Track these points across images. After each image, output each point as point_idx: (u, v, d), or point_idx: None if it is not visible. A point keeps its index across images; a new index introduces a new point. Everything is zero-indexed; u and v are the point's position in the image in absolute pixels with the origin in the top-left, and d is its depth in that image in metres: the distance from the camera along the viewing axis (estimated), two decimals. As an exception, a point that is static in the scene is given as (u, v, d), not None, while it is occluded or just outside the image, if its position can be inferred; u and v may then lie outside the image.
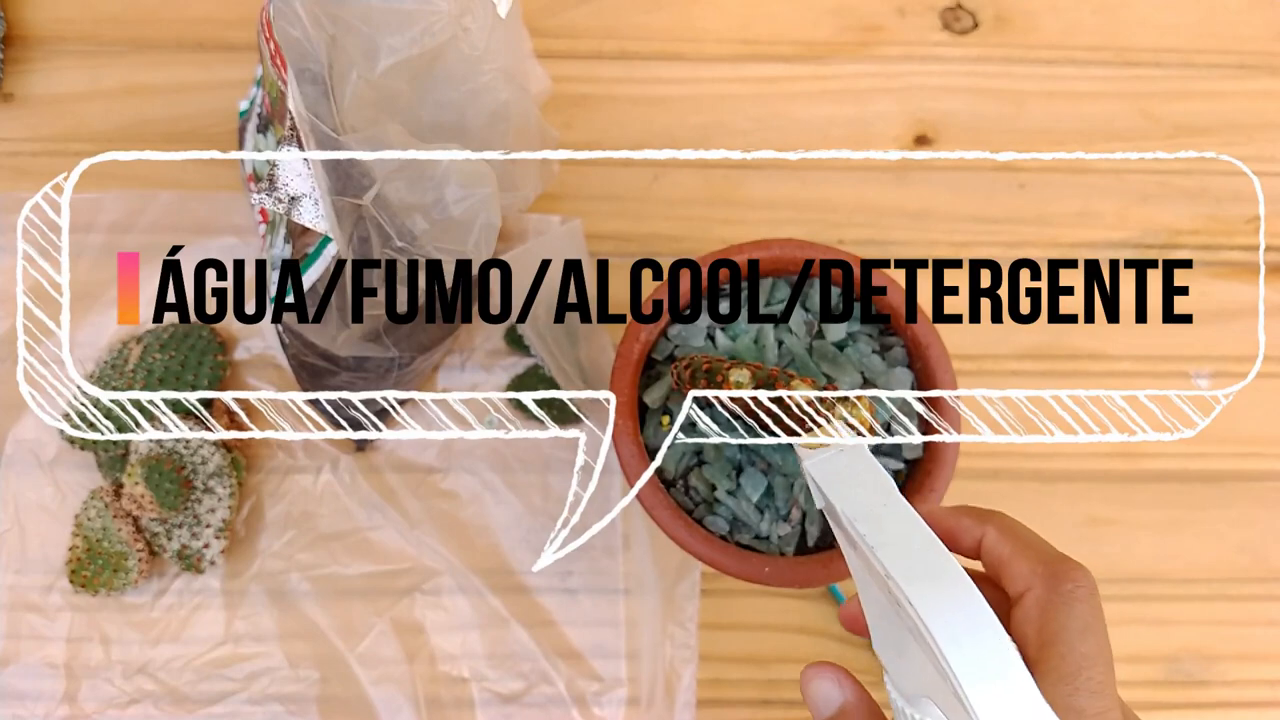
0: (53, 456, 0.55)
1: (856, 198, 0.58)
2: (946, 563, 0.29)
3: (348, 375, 0.50)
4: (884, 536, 0.30)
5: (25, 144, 0.58)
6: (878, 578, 0.31)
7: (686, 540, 0.41)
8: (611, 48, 0.60)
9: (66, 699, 0.52)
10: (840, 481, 0.33)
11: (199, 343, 0.54)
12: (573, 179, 0.58)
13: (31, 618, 0.53)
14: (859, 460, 0.34)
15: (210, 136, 0.58)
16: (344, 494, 0.55)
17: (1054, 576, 0.31)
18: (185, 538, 0.52)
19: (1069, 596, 0.31)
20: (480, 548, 0.54)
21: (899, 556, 0.30)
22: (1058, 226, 0.58)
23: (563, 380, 0.52)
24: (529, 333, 0.51)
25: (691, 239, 0.57)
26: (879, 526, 0.31)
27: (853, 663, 0.53)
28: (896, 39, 0.60)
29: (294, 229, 0.47)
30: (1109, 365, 0.57)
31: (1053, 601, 0.31)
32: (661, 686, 0.52)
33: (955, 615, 0.28)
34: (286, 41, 0.42)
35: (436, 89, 0.44)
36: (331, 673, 0.53)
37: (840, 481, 0.33)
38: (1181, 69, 0.60)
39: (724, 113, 0.59)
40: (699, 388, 0.38)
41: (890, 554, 0.30)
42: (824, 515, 0.41)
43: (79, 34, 0.59)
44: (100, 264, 0.56)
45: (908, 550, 0.30)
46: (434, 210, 0.42)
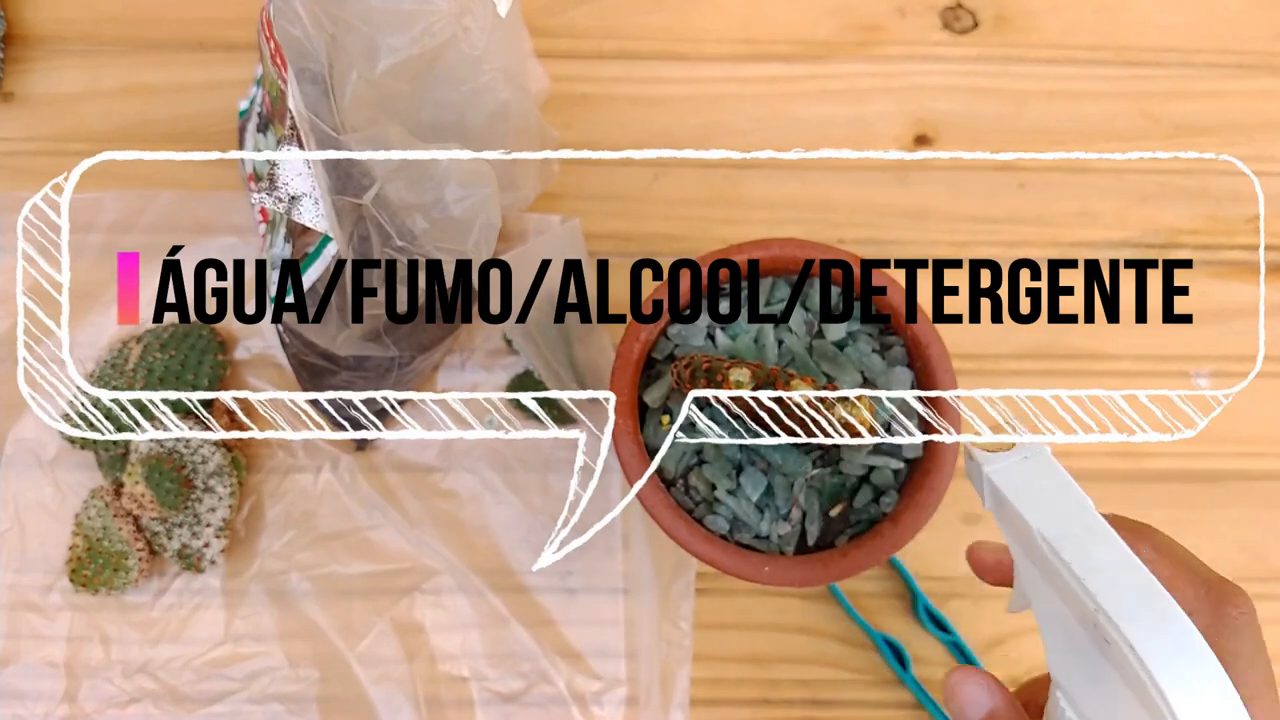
0: (53, 456, 0.55)
1: (856, 198, 0.58)
2: (1166, 603, 0.28)
3: (348, 375, 0.50)
4: (1091, 564, 0.28)
5: (25, 144, 0.58)
6: (1074, 602, 0.29)
7: (687, 540, 0.41)
8: (612, 47, 0.60)
9: (66, 698, 0.52)
10: (1030, 493, 0.31)
11: (199, 342, 0.54)
12: (573, 179, 0.58)
13: (31, 617, 0.53)
14: (1045, 467, 0.32)
15: (210, 136, 0.58)
16: (344, 493, 0.55)
17: (1219, 601, 0.32)
18: (185, 537, 0.52)
19: (1235, 623, 0.31)
20: (480, 547, 0.54)
21: (1112, 590, 0.28)
22: (1057, 226, 0.58)
23: (554, 384, 0.52)
24: (518, 337, 0.51)
25: (691, 239, 0.58)
26: (1084, 552, 0.29)
27: (852, 662, 0.54)
28: (896, 39, 0.60)
29: (294, 228, 0.47)
30: (1109, 365, 0.57)
31: (1219, 627, 0.31)
32: (658, 686, 0.52)
33: (1183, 667, 0.26)
34: (287, 41, 0.42)
35: (437, 89, 0.44)
36: (331, 672, 0.53)
37: (1030, 493, 0.31)
38: (1181, 69, 0.60)
39: (724, 112, 0.59)
40: (699, 387, 0.37)
41: (1101, 585, 0.28)
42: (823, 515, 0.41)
43: (79, 33, 0.59)
44: (100, 264, 0.56)
45: (1121, 583, 0.28)
46: (434, 210, 0.42)
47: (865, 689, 0.53)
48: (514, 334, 0.51)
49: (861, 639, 0.54)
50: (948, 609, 0.54)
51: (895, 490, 0.42)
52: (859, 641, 0.54)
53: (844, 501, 0.42)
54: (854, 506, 0.42)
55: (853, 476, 0.42)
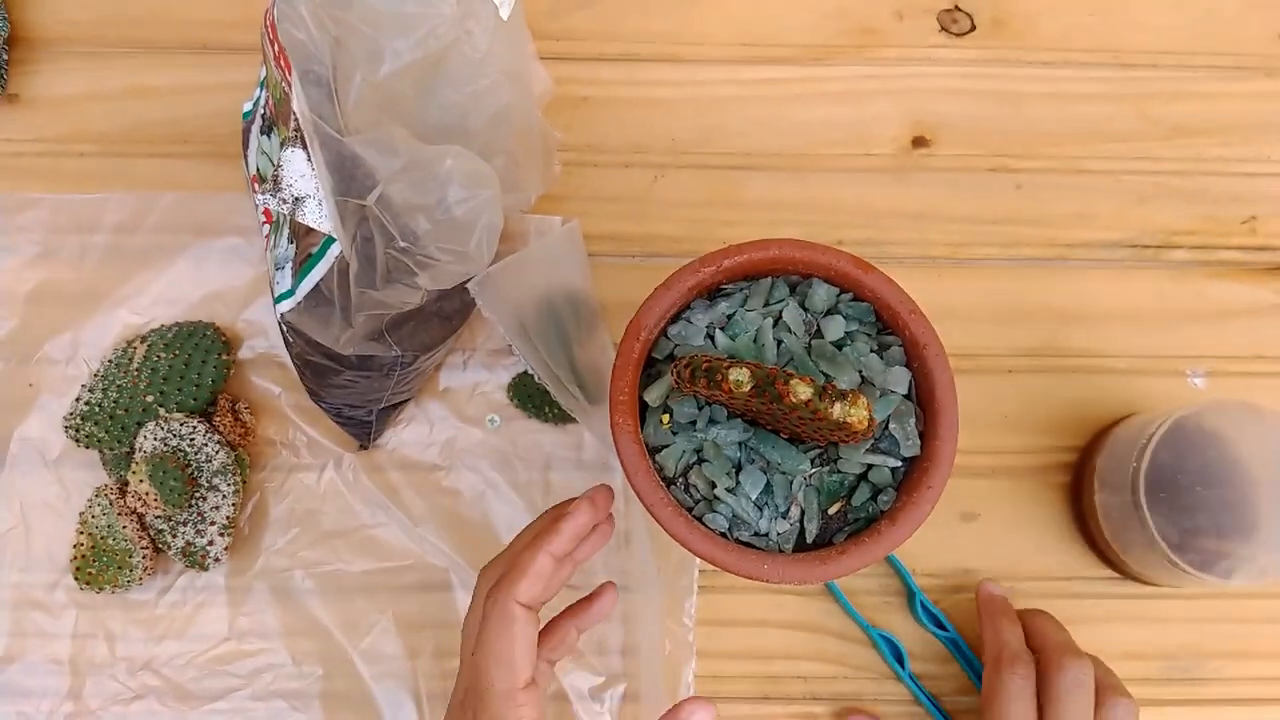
0: (58, 455, 0.55)
1: (855, 198, 0.59)
2: None
3: (351, 374, 0.51)
4: None
5: (29, 144, 0.58)
6: None
7: (686, 537, 0.41)
8: (612, 50, 0.60)
9: (71, 695, 0.53)
10: None
11: (203, 342, 0.54)
12: (574, 180, 0.58)
13: (37, 615, 0.54)
14: None
15: (214, 138, 0.58)
16: (347, 492, 0.55)
17: (1046, 665, 0.47)
18: (190, 535, 0.52)
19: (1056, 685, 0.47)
20: (482, 544, 0.55)
21: None
22: (1055, 227, 0.59)
23: (554, 386, 0.52)
24: (517, 341, 0.51)
25: (692, 239, 0.58)
26: None
27: (852, 659, 0.54)
28: (894, 41, 0.61)
29: (298, 229, 0.47)
30: (1106, 364, 0.57)
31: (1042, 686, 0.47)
32: (661, 682, 0.52)
33: None
34: (291, 44, 0.42)
35: (440, 91, 0.44)
36: (334, 669, 0.53)
37: None
38: (1178, 71, 0.61)
39: (724, 114, 0.59)
40: (699, 387, 0.38)
41: None
42: (825, 514, 0.42)
43: (83, 36, 0.60)
44: (106, 264, 0.56)
45: None
46: (437, 211, 0.42)
47: (864, 684, 0.54)
48: (512, 338, 0.51)
49: (860, 635, 0.54)
50: (945, 605, 0.54)
51: (893, 489, 0.42)
52: (857, 638, 0.54)
53: (842, 500, 0.42)
54: (852, 505, 0.42)
55: (851, 475, 0.42)
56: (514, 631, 0.39)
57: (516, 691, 0.39)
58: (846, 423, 0.36)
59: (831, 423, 0.36)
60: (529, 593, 0.40)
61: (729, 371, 0.37)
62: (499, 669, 0.39)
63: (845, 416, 0.36)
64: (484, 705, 0.39)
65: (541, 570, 0.41)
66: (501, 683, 0.39)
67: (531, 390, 0.55)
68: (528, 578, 0.40)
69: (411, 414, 0.56)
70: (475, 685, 0.40)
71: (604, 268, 0.57)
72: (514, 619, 0.40)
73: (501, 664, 0.39)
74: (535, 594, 0.41)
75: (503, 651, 0.39)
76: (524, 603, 0.40)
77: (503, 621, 0.39)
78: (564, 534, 0.42)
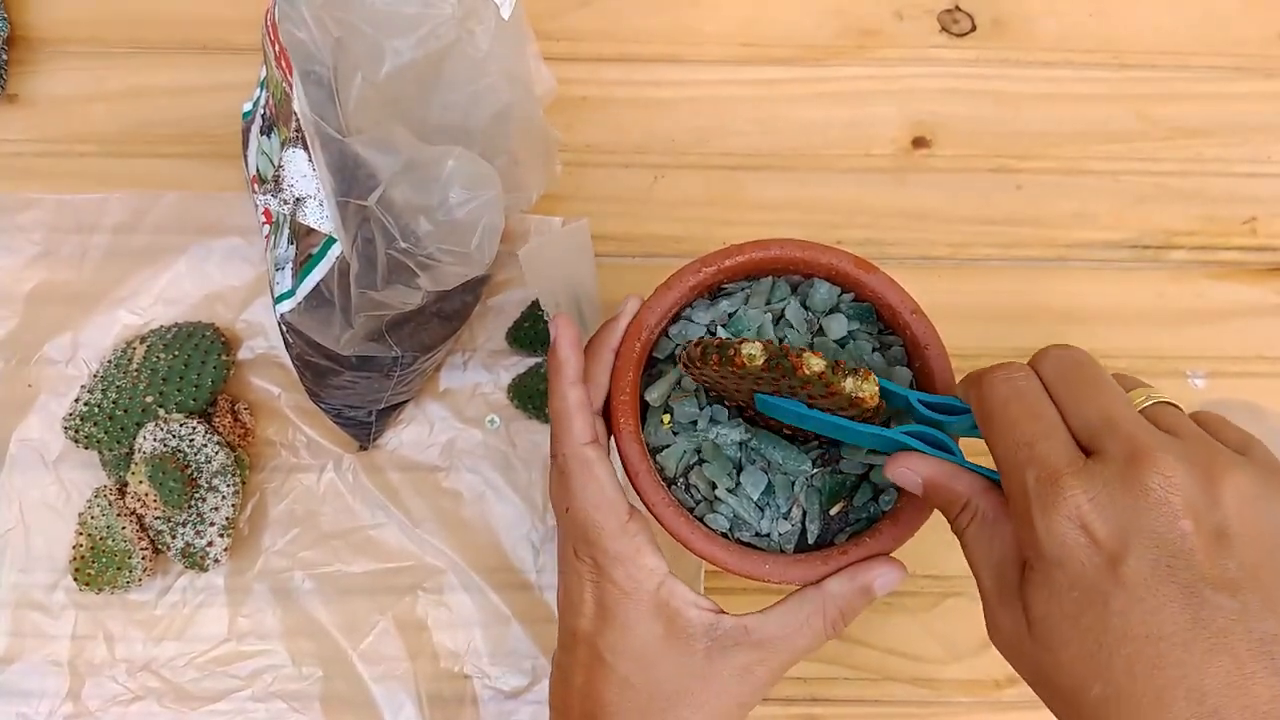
0: (57, 455, 0.55)
1: (855, 199, 0.59)
2: None
3: (351, 374, 0.51)
4: None
5: (29, 145, 0.58)
6: None
7: (687, 538, 0.41)
8: (612, 50, 0.60)
9: (70, 696, 0.53)
10: None
11: (203, 342, 0.54)
12: (573, 180, 0.58)
13: (36, 616, 0.53)
14: None
15: (214, 138, 0.58)
16: (347, 492, 0.55)
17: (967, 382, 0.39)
18: (189, 536, 0.52)
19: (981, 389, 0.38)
20: (482, 546, 0.55)
21: None
22: (1054, 228, 0.59)
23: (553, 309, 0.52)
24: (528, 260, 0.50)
25: (692, 240, 0.58)
26: None
27: (849, 659, 0.54)
28: (894, 42, 0.61)
29: (298, 230, 0.47)
30: (1106, 364, 0.57)
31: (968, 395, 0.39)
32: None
33: None
34: (292, 44, 0.42)
35: (441, 91, 0.44)
36: (334, 670, 0.53)
37: None
38: (1177, 71, 0.61)
39: (724, 115, 0.60)
40: (710, 366, 0.38)
41: None
42: (826, 516, 0.42)
43: (83, 36, 0.60)
44: (106, 265, 0.56)
45: None
46: (438, 212, 0.42)
47: (864, 687, 0.54)
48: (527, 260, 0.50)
49: (859, 635, 0.54)
50: (944, 607, 0.54)
51: (895, 489, 0.42)
52: (857, 638, 0.54)
53: (844, 500, 0.42)
54: (854, 505, 0.42)
55: (852, 475, 0.42)
56: (597, 474, 0.41)
57: (626, 524, 0.41)
58: (859, 397, 0.36)
59: (844, 397, 0.36)
60: (586, 433, 0.41)
61: (741, 346, 0.37)
62: (599, 513, 0.40)
63: (858, 391, 0.36)
64: (601, 550, 0.40)
65: (581, 404, 0.42)
66: (611, 523, 0.40)
67: (532, 391, 0.55)
68: (576, 421, 0.41)
69: (411, 415, 0.56)
70: (585, 535, 0.41)
71: (604, 268, 0.57)
72: (591, 462, 0.41)
73: (600, 508, 0.41)
74: (590, 429, 0.42)
75: (595, 496, 0.41)
76: (588, 442, 0.41)
77: (584, 470, 0.41)
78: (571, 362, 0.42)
